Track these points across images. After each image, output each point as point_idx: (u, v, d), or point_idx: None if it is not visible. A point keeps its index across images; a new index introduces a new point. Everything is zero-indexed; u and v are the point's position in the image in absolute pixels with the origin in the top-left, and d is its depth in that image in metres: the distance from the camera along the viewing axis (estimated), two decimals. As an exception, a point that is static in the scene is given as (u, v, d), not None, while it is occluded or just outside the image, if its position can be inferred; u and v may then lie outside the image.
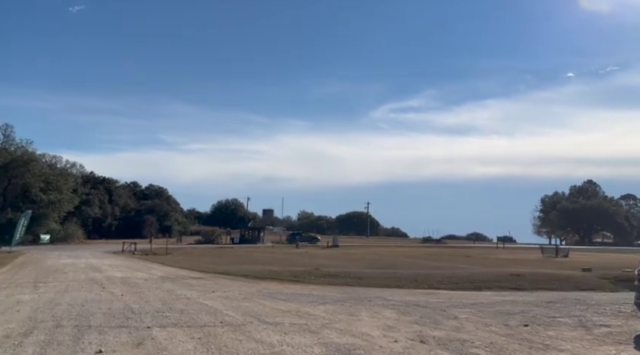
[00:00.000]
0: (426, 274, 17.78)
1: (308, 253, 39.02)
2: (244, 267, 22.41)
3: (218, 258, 31.13)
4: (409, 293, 12.79)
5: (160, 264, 24.73)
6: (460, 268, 22.54)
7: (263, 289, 13.16)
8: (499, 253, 41.69)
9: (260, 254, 36.00)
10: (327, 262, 26.23)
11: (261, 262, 26.49)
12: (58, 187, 59.75)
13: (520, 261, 29.61)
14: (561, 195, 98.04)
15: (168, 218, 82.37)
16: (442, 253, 40.14)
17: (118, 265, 22.66)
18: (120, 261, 26.47)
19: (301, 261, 27.15)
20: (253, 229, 62.01)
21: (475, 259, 31.73)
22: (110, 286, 13.48)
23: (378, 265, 23.83)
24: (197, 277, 17.10)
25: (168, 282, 15.20)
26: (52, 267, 21.25)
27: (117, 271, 19.16)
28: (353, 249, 47.98)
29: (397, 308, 9.87)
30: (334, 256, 34.02)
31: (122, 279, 15.81)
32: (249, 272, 19.20)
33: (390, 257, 32.48)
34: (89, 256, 30.94)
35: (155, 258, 30.31)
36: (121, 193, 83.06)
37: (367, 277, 17.01)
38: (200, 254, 36.37)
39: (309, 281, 15.99)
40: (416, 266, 23.70)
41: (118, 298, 10.93)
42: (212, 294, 11.83)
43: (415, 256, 34.65)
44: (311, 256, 32.71)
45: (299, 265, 23.87)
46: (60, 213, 60.66)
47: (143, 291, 12.30)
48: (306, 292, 12.83)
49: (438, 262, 27.23)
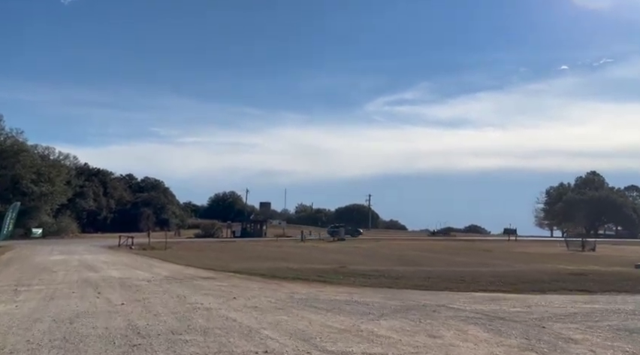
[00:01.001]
0: (468, 274, 15.58)
1: (316, 246, 36.84)
2: (256, 264, 20.15)
3: (222, 253, 28.87)
4: (470, 299, 10.55)
5: (161, 260, 22.42)
6: (494, 265, 20.40)
7: (292, 294, 10.87)
8: (517, 246, 39.61)
9: (266, 248, 33.76)
10: (345, 257, 24.00)
11: (273, 258, 24.24)
12: (50, 179, 57.15)
13: (549, 255, 27.51)
14: (566, 186, 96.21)
15: (165, 211, 79.95)
16: (457, 246, 37.99)
17: (115, 263, 20.33)
18: (117, 257, 24.13)
19: (317, 256, 24.93)
20: (255, 222, 59.54)
21: (497, 253, 29.64)
22: (107, 291, 11.16)
23: (403, 262, 21.66)
24: (207, 277, 14.81)
25: (175, 284, 12.90)
26: (41, 265, 18.90)
27: (114, 270, 16.84)
28: (360, 242, 45.84)
29: (481, 324, 7.63)
30: (346, 250, 31.83)
31: (121, 280, 13.49)
32: (265, 270, 16.93)
33: (406, 251, 30.34)
34: (83, 251, 28.57)
35: (154, 253, 27.99)
36: (116, 185, 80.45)
37: (403, 276, 14.76)
38: (202, 249, 34.09)
39: (338, 282, 13.72)
40: (444, 263, 21.54)
41: (117, 309, 8.62)
42: (234, 302, 9.54)
43: (431, 250, 32.50)
44: (322, 251, 30.52)
45: (317, 261, 21.65)
46: (53, 205, 58.12)
47: (147, 298, 9.99)
48: (345, 297, 10.57)
49: (462, 257, 25.13)
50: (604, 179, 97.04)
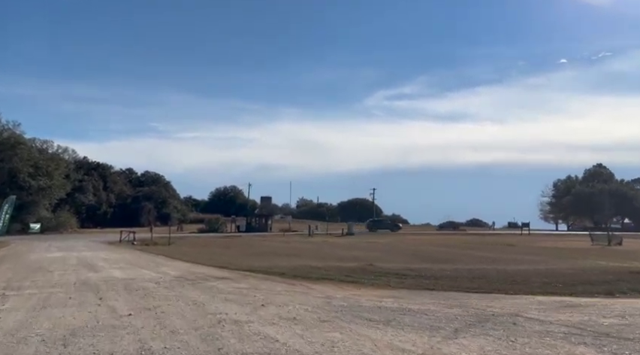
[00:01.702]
0: (513, 273, 13.95)
1: (327, 242, 35.19)
2: (270, 261, 18.52)
3: (230, 249, 27.22)
4: (539, 305, 8.90)
5: (167, 257, 20.80)
6: (530, 261, 18.76)
7: (328, 300, 9.22)
8: (535, 240, 37.96)
9: (275, 244, 32.10)
10: (364, 254, 22.36)
11: (285, 254, 22.61)
12: (48, 172, 55.49)
13: (579, 250, 25.85)
14: (574, 179, 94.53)
15: (167, 205, 78.32)
16: (474, 241, 36.34)
17: (117, 260, 18.68)
18: (119, 254, 22.49)
19: (333, 252, 23.30)
20: (260, 216, 57.82)
21: (521, 248, 27.98)
22: (110, 296, 9.51)
23: (429, 258, 19.99)
24: (221, 277, 13.16)
25: (188, 286, 11.25)
26: (36, 263, 17.25)
27: (117, 269, 15.19)
28: (370, 237, 44.21)
29: (589, 344, 5.98)
30: (360, 245, 30.18)
31: (125, 282, 11.83)
32: (283, 269, 15.29)
33: (425, 246, 28.67)
34: (82, 247, 26.94)
35: (158, 249, 26.36)
36: (116, 179, 78.78)
37: (442, 276, 13.11)
38: (208, 244, 32.46)
39: (371, 283, 12.07)
40: (474, 259, 19.89)
41: (124, 322, 6.97)
42: (265, 311, 7.89)
43: (449, 244, 30.85)
44: (336, 246, 28.88)
45: (334, 258, 20.00)
46: (51, 200, 56.50)
47: (159, 306, 8.34)
48: (392, 303, 8.92)
49: (488, 252, 23.47)
50: (612, 172, 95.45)
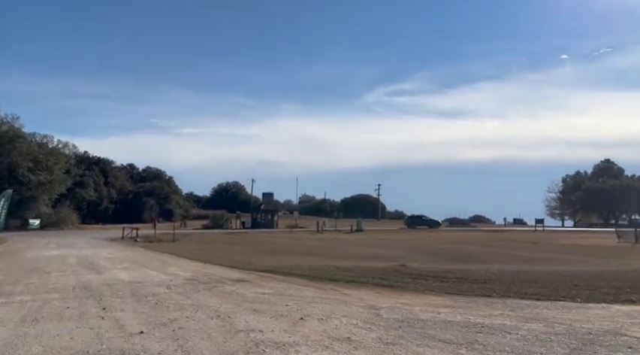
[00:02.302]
0: (564, 275, 12.50)
1: (338, 238, 33.77)
2: (285, 260, 17.11)
3: (238, 246, 25.81)
4: (631, 319, 7.44)
5: (173, 255, 19.38)
6: (570, 261, 17.34)
7: (376, 310, 7.76)
8: (556, 237, 36.50)
9: (285, 241, 30.68)
10: (385, 252, 20.95)
11: (299, 252, 21.19)
12: (48, 167, 54.04)
13: (608, 249, 24.41)
14: (583, 174, 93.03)
15: (169, 201, 76.94)
16: (492, 238, 34.85)
17: (120, 259, 17.24)
18: (122, 251, 21.06)
19: (350, 250, 21.88)
20: (266, 212, 56.29)
21: (546, 246, 26.54)
22: (115, 306, 8.05)
23: (457, 257, 18.55)
24: (238, 280, 11.72)
25: (204, 291, 9.81)
26: (32, 263, 15.80)
27: (121, 270, 13.74)
28: (380, 234, 42.78)
29: None
30: (375, 243, 28.75)
31: (132, 286, 10.38)
32: (303, 269, 13.88)
33: (445, 244, 27.18)
34: (83, 244, 25.52)
35: (162, 247, 24.97)
36: (117, 175, 77.37)
37: (489, 279, 11.64)
38: (214, 241, 31.06)
39: (412, 288, 10.61)
40: (508, 258, 18.45)
41: (135, 345, 5.51)
42: (307, 327, 6.43)
43: (470, 241, 29.38)
44: (350, 243, 27.44)
45: (354, 256, 18.56)
46: (51, 195, 55.08)
47: (176, 319, 6.88)
48: (453, 315, 7.45)
49: (520, 251, 22.04)
50: (622, 167, 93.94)
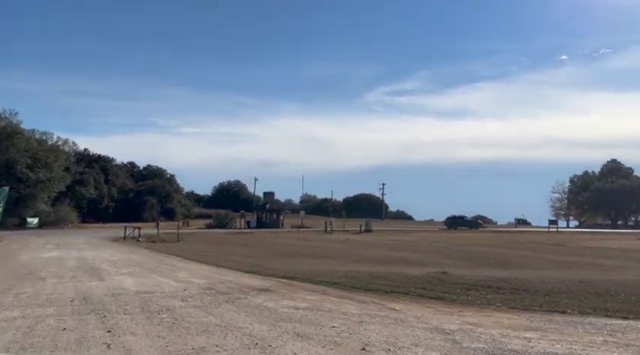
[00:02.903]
0: (630, 285, 10.96)
1: (351, 240, 32.20)
2: (305, 264, 15.60)
3: (248, 247, 24.26)
4: None
5: (180, 258, 17.83)
6: (615, 267, 15.80)
7: (447, 336, 6.21)
8: (577, 239, 34.93)
9: (295, 242, 29.14)
10: (411, 255, 19.40)
11: (316, 255, 19.66)
12: (47, 164, 52.45)
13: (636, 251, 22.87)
14: (591, 174, 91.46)
15: (170, 200, 75.39)
16: (515, 240, 33.23)
17: (124, 262, 15.69)
18: (125, 253, 19.51)
19: (372, 253, 20.31)
20: (271, 211, 54.61)
21: (573, 249, 24.95)
22: (123, 326, 6.49)
23: (497, 263, 16.96)
24: (262, 289, 10.18)
25: (225, 304, 8.26)
26: (27, 266, 14.25)
27: (126, 275, 12.19)
28: (390, 235, 41.22)
29: None
30: (393, 244, 27.19)
31: (141, 298, 8.83)
32: (330, 275, 12.38)
33: (470, 246, 25.59)
34: (83, 245, 23.97)
35: (167, 247, 23.46)
36: (118, 173, 75.83)
37: (551, 291, 10.08)
38: (221, 241, 29.53)
39: (468, 301, 9.08)
40: (549, 264, 16.91)
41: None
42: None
43: (493, 244, 27.72)
44: (366, 245, 25.85)
45: (377, 260, 17.05)
46: (50, 193, 53.46)
47: (202, 349, 5.34)
48: (548, 344, 5.87)
49: (553, 254, 20.43)
50: (631, 168, 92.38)
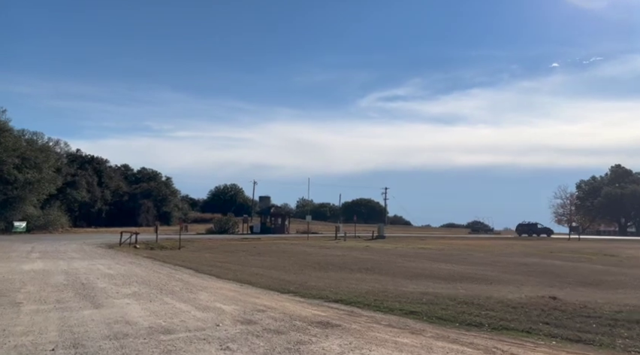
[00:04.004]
0: None
1: (370, 247, 29.27)
2: (349, 281, 12.69)
3: (263, 257, 21.27)
4: None
5: (190, 270, 14.87)
6: None
7: None
8: (613, 247, 32.20)
9: (313, 250, 26.16)
10: (456, 268, 16.49)
11: (350, 267, 16.73)
12: (37, 165, 49.17)
13: None
14: (599, 180, 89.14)
15: (167, 203, 72.18)
16: (554, 248, 30.40)
17: (125, 276, 12.67)
18: (124, 264, 16.45)
19: (412, 265, 17.39)
20: (276, 216, 51.45)
21: (627, 260, 22.17)
22: None
23: (587, 281, 14.09)
24: (323, 323, 7.26)
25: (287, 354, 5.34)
26: (1, 283, 11.21)
27: (130, 298, 9.20)
28: (407, 241, 38.34)
29: None
30: (422, 253, 24.29)
31: (158, 341, 5.89)
32: (403, 300, 9.50)
33: (518, 258, 22.75)
34: (73, 253, 20.90)
35: (170, 256, 20.46)
36: (112, 175, 72.49)
37: None
38: (229, 249, 26.49)
39: (629, 346, 6.22)
40: (629, 280, 14.07)
41: None
42: None
43: (529, 253, 24.95)
44: (392, 254, 22.93)
45: (436, 275, 14.14)
46: (39, 195, 50.10)
47: None
48: None
49: (623, 268, 17.65)
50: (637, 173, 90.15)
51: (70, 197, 58.23)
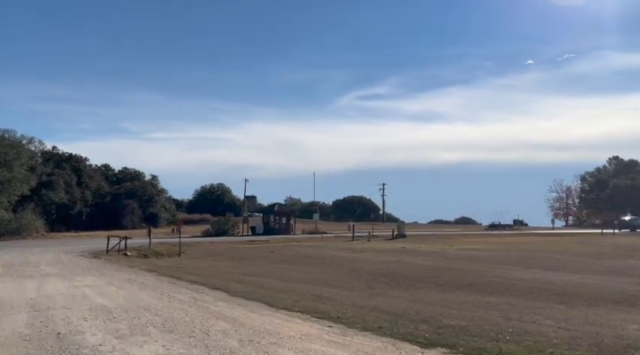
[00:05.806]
0: None
1: (406, 249, 24.87)
2: (444, 304, 8.20)
3: (293, 266, 16.67)
4: None
5: (218, 291, 10.28)
6: None
7: None
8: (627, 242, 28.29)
9: (341, 254, 21.66)
10: (533, 275, 12.15)
11: (436, 282, 12.23)
12: (7, 162, 43.71)
13: None
14: (604, 171, 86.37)
15: (153, 204, 66.58)
16: (576, 244, 26.37)
17: (130, 313, 7.90)
18: (121, 284, 11.60)
19: (501, 273, 12.94)
20: (280, 215, 46.46)
21: None
22: None
23: None
24: None
25: None
26: None
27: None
28: (433, 241, 34.10)
29: None
30: (463, 255, 19.94)
31: None
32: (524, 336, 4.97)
33: (589, 259, 18.66)
34: (48, 266, 15.93)
35: (172, 266, 15.76)
36: (92, 174, 66.74)
37: None
38: (242, 256, 21.83)
39: None
40: None
41: None
42: None
43: (562, 251, 20.80)
44: (438, 257, 18.54)
45: (516, 289, 9.76)
46: (11, 197, 44.48)
47: None
48: None
49: None
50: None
51: (46, 198, 52.59)
